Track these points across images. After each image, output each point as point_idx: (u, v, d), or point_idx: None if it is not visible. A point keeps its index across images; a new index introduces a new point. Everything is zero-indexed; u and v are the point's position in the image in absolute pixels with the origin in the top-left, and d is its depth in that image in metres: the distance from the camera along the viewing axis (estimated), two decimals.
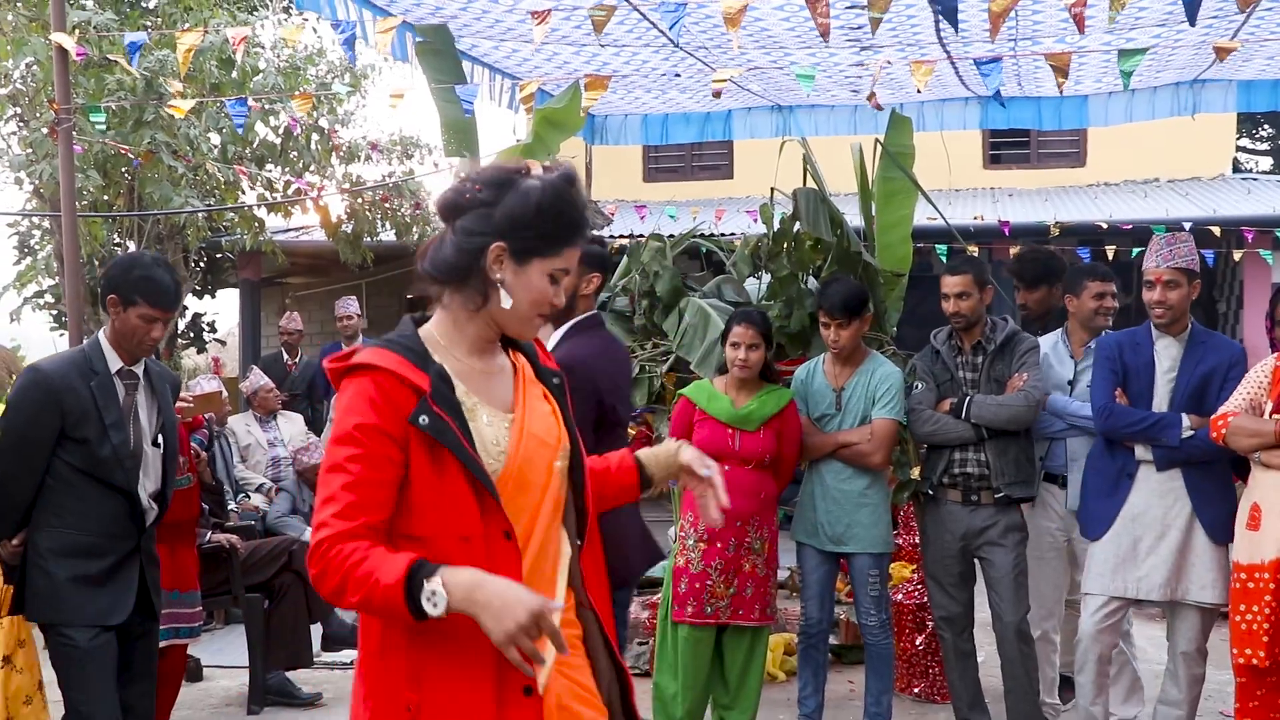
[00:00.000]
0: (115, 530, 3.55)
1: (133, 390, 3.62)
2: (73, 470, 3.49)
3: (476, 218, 2.05)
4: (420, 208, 10.14)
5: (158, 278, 3.60)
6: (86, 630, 3.50)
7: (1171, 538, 4.12)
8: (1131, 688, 4.72)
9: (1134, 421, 4.16)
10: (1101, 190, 12.35)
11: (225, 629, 6.74)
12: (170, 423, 3.76)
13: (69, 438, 3.47)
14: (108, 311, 3.59)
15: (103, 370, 3.55)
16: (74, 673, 3.52)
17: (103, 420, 3.48)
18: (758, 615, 4.46)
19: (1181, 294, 4.18)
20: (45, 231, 9.87)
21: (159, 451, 3.69)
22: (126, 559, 3.58)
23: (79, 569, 3.48)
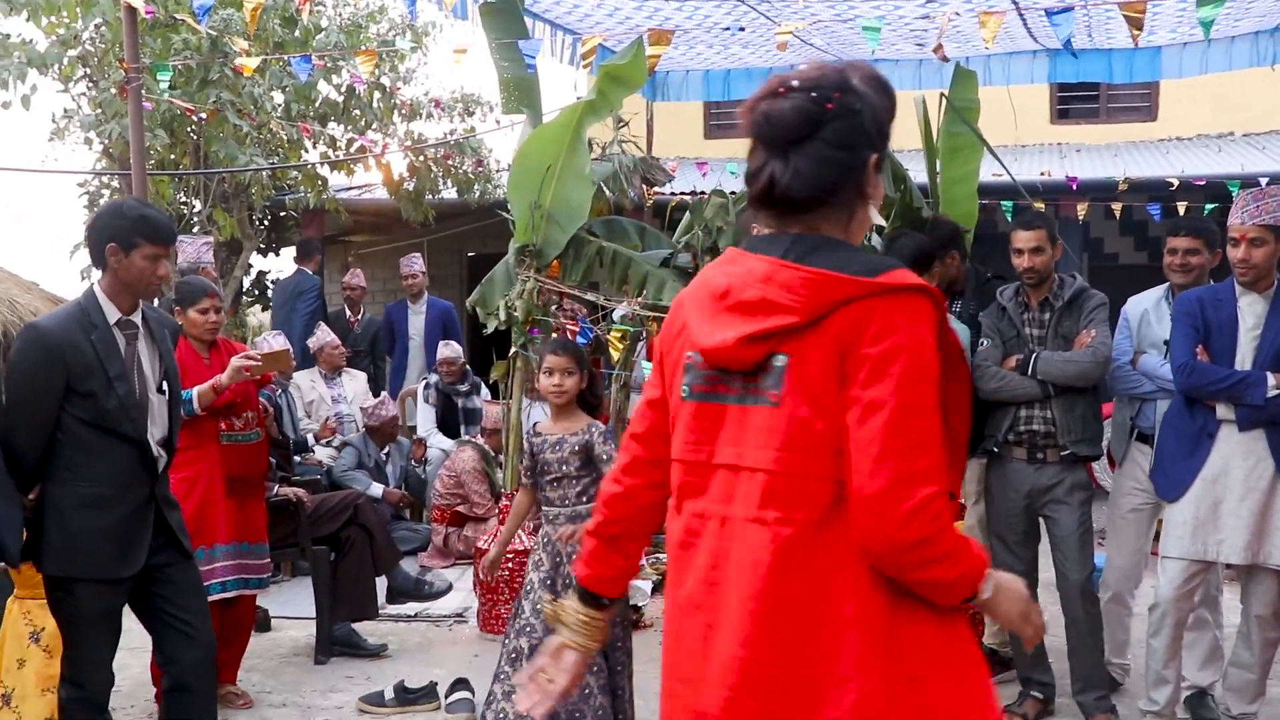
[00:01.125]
0: (128, 480, 3.56)
1: (133, 340, 3.60)
2: (81, 424, 3.48)
3: (848, 129, 1.81)
4: (482, 165, 10.14)
5: (151, 215, 3.59)
6: (94, 591, 3.52)
7: (1253, 499, 4.02)
8: (1210, 655, 4.64)
9: (1216, 379, 4.06)
10: (1173, 145, 12.02)
11: (293, 581, 6.84)
12: (172, 369, 3.74)
13: (74, 392, 3.46)
14: (106, 263, 3.53)
15: (101, 323, 3.53)
16: (73, 635, 3.56)
17: (106, 372, 3.48)
18: None
19: (1268, 251, 4.05)
20: (114, 190, 10.01)
21: (164, 399, 3.69)
22: (141, 509, 3.58)
23: (95, 521, 3.49)
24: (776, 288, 1.78)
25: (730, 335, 1.80)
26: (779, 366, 1.76)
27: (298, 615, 6.07)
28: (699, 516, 1.87)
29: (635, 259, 6.08)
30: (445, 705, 4.75)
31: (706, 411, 1.87)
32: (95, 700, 3.61)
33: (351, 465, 7.45)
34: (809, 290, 1.75)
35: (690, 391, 1.89)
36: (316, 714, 4.77)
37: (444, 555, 7.35)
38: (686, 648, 1.86)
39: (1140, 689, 4.45)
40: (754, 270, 1.81)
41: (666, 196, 8.52)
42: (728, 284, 1.84)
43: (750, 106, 1.86)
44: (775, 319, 1.76)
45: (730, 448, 1.83)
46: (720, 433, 1.85)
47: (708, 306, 1.86)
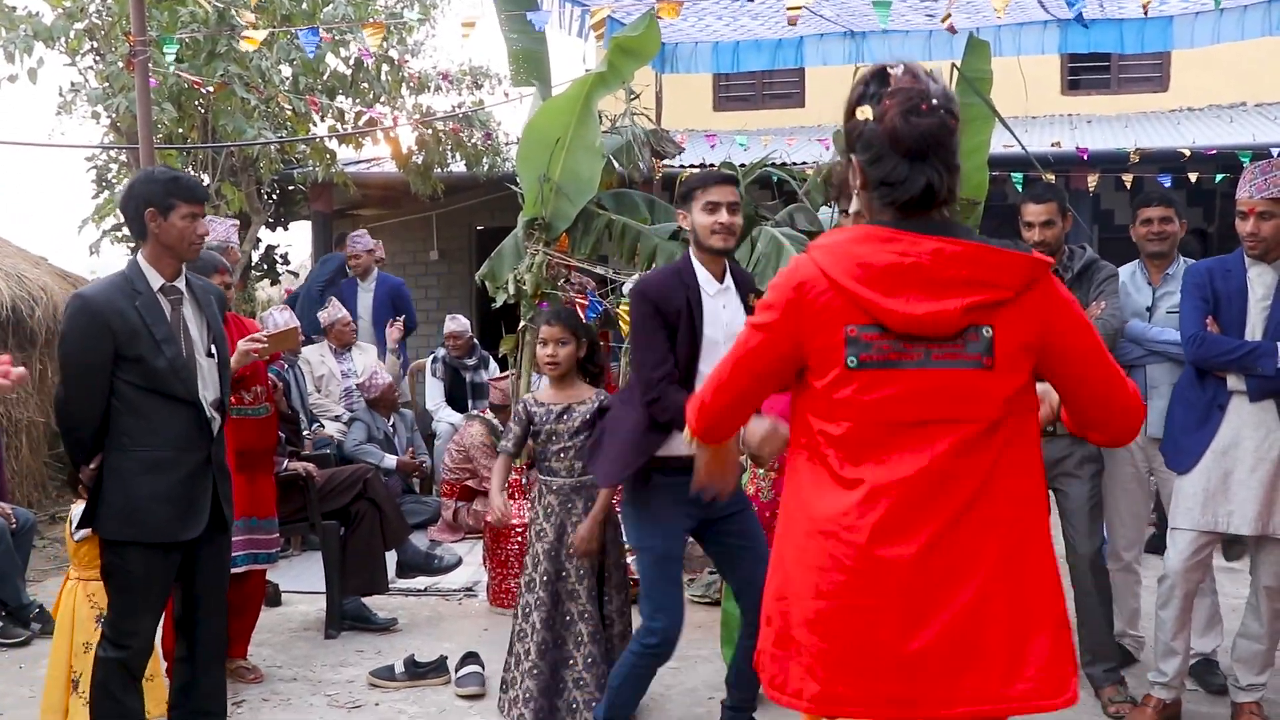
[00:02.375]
0: (185, 443, 3.61)
1: (178, 305, 3.66)
2: (134, 389, 3.54)
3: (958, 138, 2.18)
4: (490, 138, 10.10)
5: (182, 177, 3.69)
6: (151, 556, 3.57)
7: (1264, 470, 4.01)
8: (1210, 620, 4.66)
9: (1227, 350, 4.05)
10: (1185, 115, 11.91)
11: (303, 555, 6.87)
12: (219, 334, 3.80)
13: (124, 358, 3.51)
14: (146, 230, 3.60)
15: (145, 290, 3.59)
16: (122, 599, 3.60)
17: (153, 335, 3.53)
18: None
19: (1275, 224, 4.03)
20: (123, 165, 9.99)
21: (214, 362, 3.74)
22: (199, 471, 3.64)
23: (155, 484, 3.55)
24: (987, 267, 2.05)
25: (952, 305, 2.02)
26: (987, 336, 2.05)
27: (308, 590, 6.09)
28: (888, 465, 2.07)
29: (644, 232, 6.06)
30: (456, 679, 4.76)
31: (885, 378, 2.07)
32: (132, 665, 3.64)
33: (362, 439, 7.46)
34: (1017, 271, 2.06)
35: (860, 361, 2.07)
36: (327, 688, 4.79)
37: (453, 530, 7.37)
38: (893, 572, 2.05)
39: (1149, 660, 4.45)
40: (945, 249, 2.04)
41: (676, 169, 8.49)
42: (914, 260, 2.03)
43: (892, 119, 2.07)
44: (991, 294, 2.04)
45: (919, 405, 2.06)
46: (903, 394, 2.07)
47: (895, 281, 2.04)
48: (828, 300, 2.09)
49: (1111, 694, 4.40)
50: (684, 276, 3.70)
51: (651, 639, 3.71)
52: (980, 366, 2.06)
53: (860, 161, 2.14)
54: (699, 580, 6.04)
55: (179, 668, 3.82)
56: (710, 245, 3.71)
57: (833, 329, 2.08)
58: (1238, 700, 4.24)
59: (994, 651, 2.07)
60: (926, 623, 2.06)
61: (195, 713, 3.81)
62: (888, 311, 2.04)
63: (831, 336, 2.09)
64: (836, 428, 2.12)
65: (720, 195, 3.71)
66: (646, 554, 3.77)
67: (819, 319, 2.10)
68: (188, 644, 3.79)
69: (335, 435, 7.48)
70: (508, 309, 6.17)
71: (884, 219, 2.12)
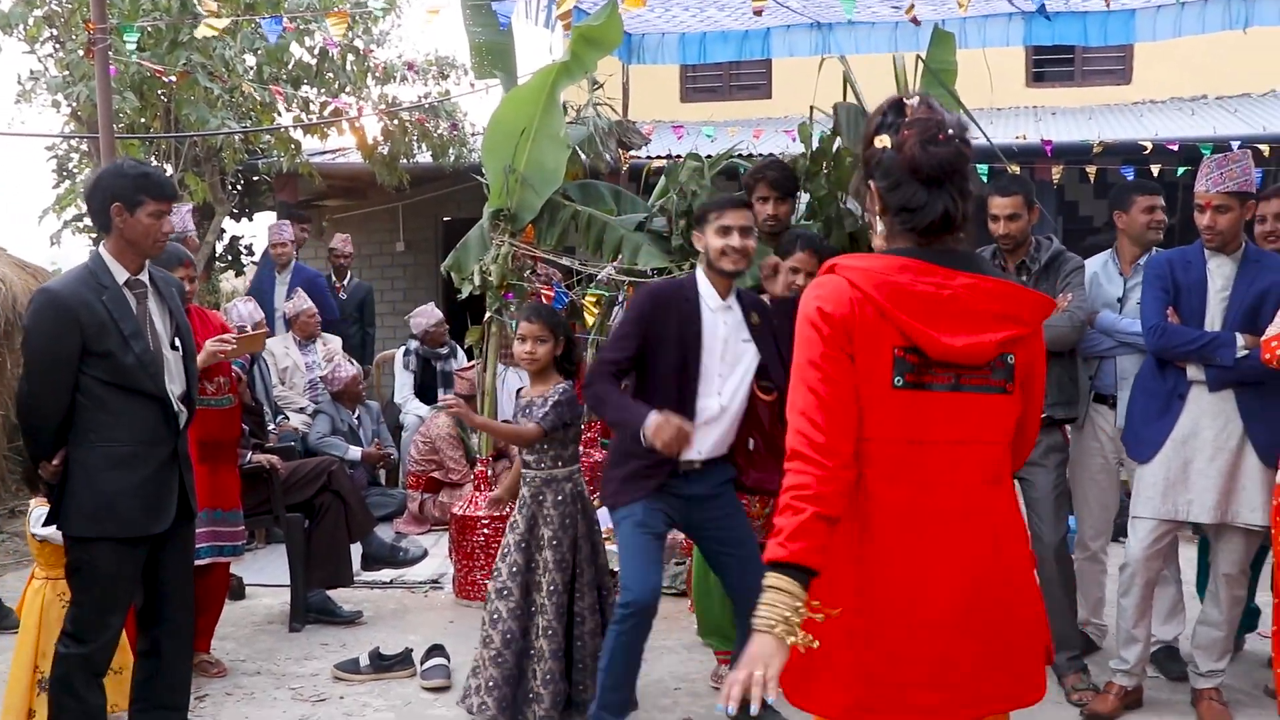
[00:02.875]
0: (152, 437, 3.60)
1: (143, 299, 3.65)
2: (101, 384, 3.51)
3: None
4: (457, 129, 10.05)
5: (152, 173, 3.66)
6: (119, 551, 3.54)
7: (1222, 459, 4.06)
8: (1173, 609, 4.71)
9: (1187, 341, 4.09)
10: (1147, 108, 12.02)
11: (267, 549, 6.83)
12: (183, 326, 3.79)
13: (91, 353, 3.49)
14: (111, 224, 3.58)
15: (111, 284, 3.57)
16: (87, 595, 3.57)
17: (121, 331, 3.51)
18: None
19: (1232, 218, 4.09)
20: (83, 154, 9.87)
21: (179, 355, 3.73)
22: (166, 466, 3.63)
23: (123, 480, 3.53)
24: (1017, 304, 2.22)
25: (989, 339, 2.17)
26: (1010, 364, 2.22)
27: (272, 583, 6.07)
28: (918, 484, 2.18)
29: (610, 223, 6.04)
30: (421, 672, 4.75)
31: (918, 399, 2.17)
32: (95, 661, 3.60)
33: (327, 431, 7.42)
34: (1039, 310, 2.26)
35: (905, 382, 2.17)
36: (291, 682, 4.77)
37: (419, 521, 7.35)
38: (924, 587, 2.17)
39: (1112, 647, 4.49)
40: (979, 285, 2.19)
41: (642, 160, 8.45)
42: (951, 294, 2.17)
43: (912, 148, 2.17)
44: (1018, 330, 2.21)
45: (946, 427, 2.19)
46: (932, 415, 2.18)
47: (934, 311, 2.16)
48: (876, 322, 2.16)
49: (1074, 682, 4.44)
50: (687, 290, 3.91)
51: (624, 598, 3.75)
52: (1003, 392, 2.23)
53: (879, 188, 2.24)
54: (665, 570, 6.03)
55: (142, 662, 3.80)
56: (721, 267, 3.88)
57: (880, 350, 2.17)
58: (1197, 686, 4.29)
59: (999, 655, 2.22)
60: (957, 632, 2.18)
61: (158, 707, 3.79)
62: (930, 339, 2.15)
63: (879, 357, 2.17)
64: (869, 446, 2.19)
65: (734, 220, 3.87)
66: (626, 520, 3.85)
67: (869, 339, 2.17)
68: (151, 638, 3.77)
69: (300, 427, 7.42)
70: (473, 300, 6.14)
71: (903, 244, 2.24)
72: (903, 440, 2.18)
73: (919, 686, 2.18)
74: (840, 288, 2.19)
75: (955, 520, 2.19)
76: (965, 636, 2.19)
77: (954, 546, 2.18)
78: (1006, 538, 2.25)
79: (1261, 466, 4.03)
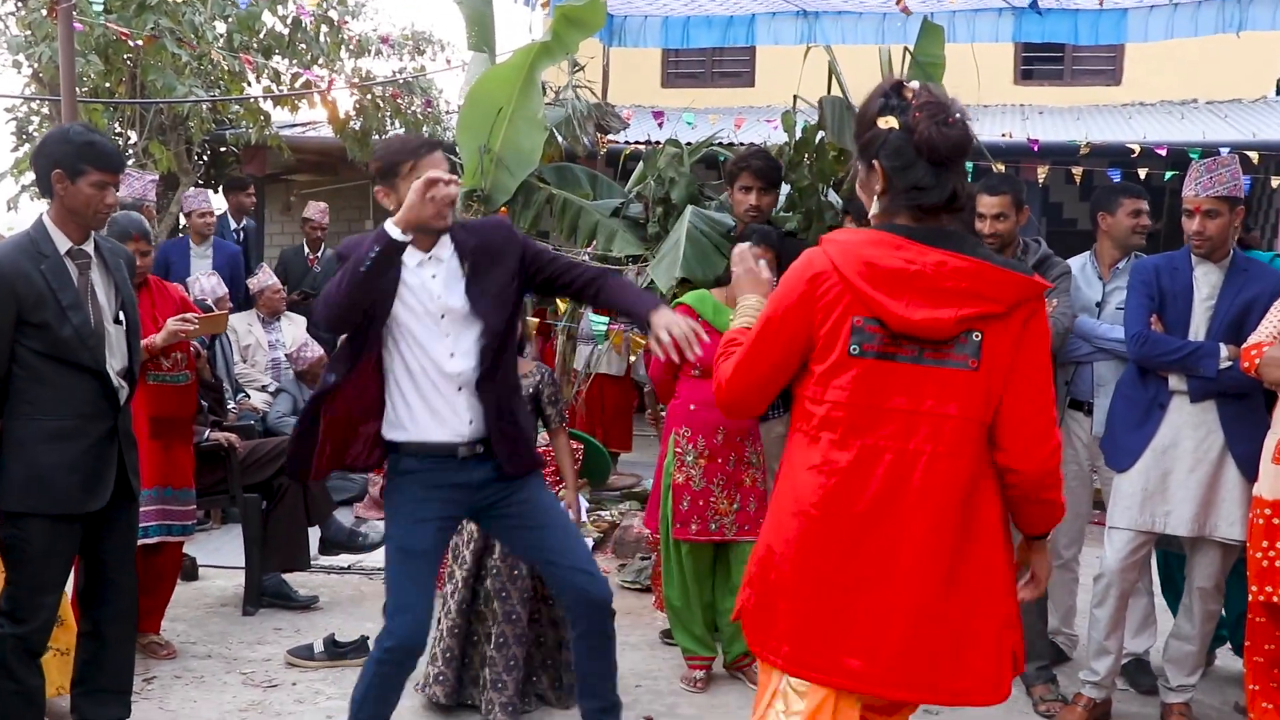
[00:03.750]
0: (90, 412, 3.48)
1: (86, 270, 3.52)
2: (37, 356, 3.40)
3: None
4: (431, 105, 9.89)
5: (99, 141, 3.51)
6: (53, 527, 3.43)
7: (1202, 471, 3.99)
8: (1145, 621, 4.65)
9: (1170, 350, 4.01)
10: (1136, 110, 11.99)
11: (222, 529, 6.70)
12: (129, 299, 3.67)
13: (27, 323, 3.38)
14: (52, 190, 3.46)
15: (52, 252, 3.45)
16: (22, 573, 3.46)
17: (59, 302, 3.40)
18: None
19: (1221, 223, 4.00)
20: (44, 117, 9.64)
21: (122, 329, 3.61)
22: (104, 442, 3.51)
23: (58, 454, 3.41)
24: (986, 283, 2.26)
25: (947, 314, 2.24)
26: (976, 340, 2.27)
27: (226, 564, 5.94)
28: (871, 449, 2.28)
29: (586, 208, 5.94)
30: None
31: (879, 368, 2.28)
32: (32, 641, 3.48)
33: (287, 412, 7.28)
34: (1012, 290, 2.28)
35: (861, 350, 2.28)
36: (243, 666, 4.66)
37: (379, 507, 7.20)
38: (867, 554, 2.27)
39: (1082, 658, 4.43)
40: (948, 262, 2.25)
41: (620, 145, 8.37)
42: (919, 269, 2.25)
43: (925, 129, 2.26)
44: (984, 307, 2.26)
45: (906, 397, 2.28)
46: (893, 384, 2.28)
47: (898, 285, 2.24)
48: (838, 292, 2.28)
49: (1042, 692, 4.37)
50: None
51: (388, 641, 3.22)
52: (967, 368, 2.28)
53: (886, 167, 2.31)
54: (630, 566, 5.95)
55: (84, 643, 3.71)
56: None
57: (840, 318, 2.28)
58: (1167, 701, 4.23)
59: (947, 644, 2.28)
60: (893, 606, 2.26)
61: (100, 690, 3.70)
62: (889, 312, 2.24)
63: (838, 325, 2.28)
64: (830, 410, 2.31)
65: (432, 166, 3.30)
66: (389, 544, 3.36)
67: (828, 308, 2.29)
68: (93, 620, 3.68)
69: (260, 406, 7.27)
70: None
71: (900, 222, 2.32)
72: (858, 405, 2.29)
73: (851, 652, 2.26)
74: (810, 262, 2.34)
75: (907, 490, 2.27)
76: (910, 612, 2.26)
77: (904, 517, 2.26)
78: (980, 526, 2.30)
79: (1241, 480, 3.96)
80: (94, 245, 3.57)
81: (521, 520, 3.42)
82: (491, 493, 3.38)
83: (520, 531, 3.44)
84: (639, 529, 6.24)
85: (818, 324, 2.31)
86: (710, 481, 4.36)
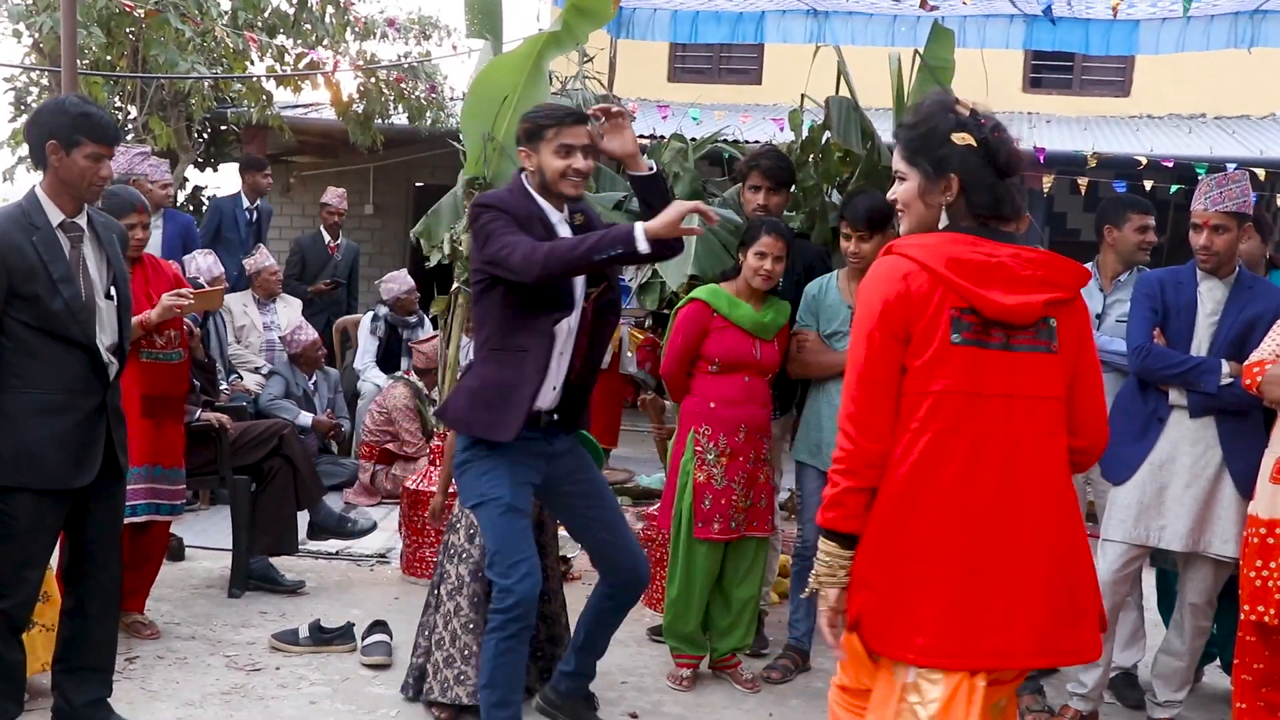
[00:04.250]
0: (79, 386, 3.45)
1: (78, 243, 3.49)
2: (27, 329, 3.37)
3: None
4: (435, 91, 9.83)
5: (95, 113, 3.47)
6: (40, 503, 3.40)
7: (1199, 487, 3.97)
8: (1134, 635, 4.62)
9: (1171, 364, 4.00)
10: (1144, 123, 11.93)
11: (210, 510, 6.65)
12: (121, 274, 3.63)
13: (18, 296, 3.34)
14: (46, 161, 3.43)
15: (44, 224, 3.41)
16: (6, 548, 3.42)
17: (50, 275, 3.36)
18: (769, 526, 4.51)
19: (1229, 239, 4.00)
20: (43, 89, 9.55)
21: (113, 304, 3.57)
22: (93, 416, 3.48)
23: (47, 429, 3.38)
24: (1056, 271, 2.48)
25: (1035, 299, 2.43)
26: (1052, 325, 2.47)
27: (213, 546, 5.89)
28: (982, 435, 2.42)
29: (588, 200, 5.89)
30: (361, 647, 4.61)
31: (977, 355, 2.42)
32: (13, 616, 3.46)
33: (279, 394, 7.23)
34: (1076, 277, 2.52)
35: (963, 339, 2.42)
36: (226, 649, 4.62)
37: (370, 493, 7.18)
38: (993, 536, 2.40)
39: (1070, 671, 4.41)
40: (1022, 254, 2.47)
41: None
42: (999, 261, 2.43)
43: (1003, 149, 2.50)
44: (1058, 294, 2.47)
45: (1004, 382, 2.43)
46: (990, 371, 2.43)
47: (984, 276, 2.42)
48: (930, 288, 2.42)
49: (1029, 703, 4.35)
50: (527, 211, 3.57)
51: (508, 599, 3.33)
52: (1049, 351, 2.48)
53: (965, 181, 2.48)
54: None
55: (66, 620, 3.68)
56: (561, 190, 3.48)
57: (936, 312, 2.42)
58: (1154, 716, 4.23)
59: (1068, 610, 2.45)
60: (1023, 581, 2.40)
61: (81, 668, 3.66)
62: (984, 300, 2.40)
63: (935, 318, 2.42)
64: (938, 401, 2.42)
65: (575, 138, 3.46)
66: (493, 505, 3.42)
67: (924, 304, 2.42)
68: (76, 596, 3.65)
69: (253, 388, 7.22)
70: (441, 269, 5.98)
71: (963, 226, 2.50)
72: (963, 393, 2.42)
73: (987, 632, 2.38)
74: (896, 264, 2.47)
75: (1019, 471, 2.42)
76: (1039, 585, 2.41)
77: (1021, 497, 2.41)
78: (1072, 498, 2.50)
79: (1237, 497, 3.95)
80: (87, 219, 3.53)
81: (585, 496, 3.66)
82: (563, 465, 3.58)
83: (583, 505, 3.67)
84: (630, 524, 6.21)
85: (914, 318, 2.43)
86: (732, 480, 4.34)
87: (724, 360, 4.32)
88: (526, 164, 3.49)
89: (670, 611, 4.49)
